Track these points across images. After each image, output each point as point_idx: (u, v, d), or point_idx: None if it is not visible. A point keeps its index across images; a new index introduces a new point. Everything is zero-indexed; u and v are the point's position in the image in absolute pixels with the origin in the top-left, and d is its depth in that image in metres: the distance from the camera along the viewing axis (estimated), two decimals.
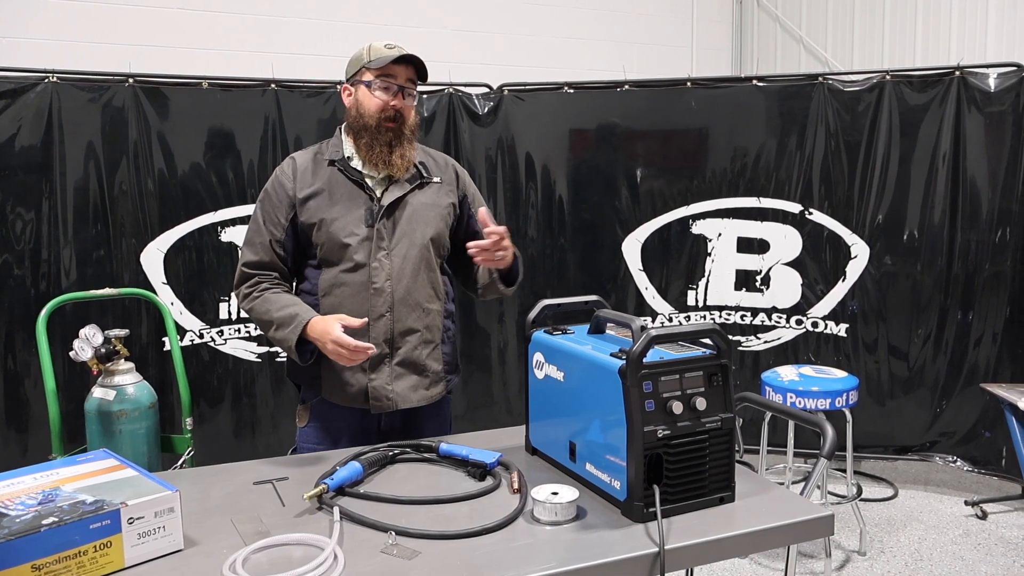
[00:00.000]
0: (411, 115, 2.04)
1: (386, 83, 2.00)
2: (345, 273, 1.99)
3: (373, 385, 2.00)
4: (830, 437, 1.71)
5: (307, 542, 1.39)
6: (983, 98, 3.77)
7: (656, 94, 4.15)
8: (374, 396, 2.00)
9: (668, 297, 4.26)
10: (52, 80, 3.34)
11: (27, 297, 3.34)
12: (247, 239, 2.06)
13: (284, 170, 2.05)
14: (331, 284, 2.00)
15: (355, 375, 2.00)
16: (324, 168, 2.03)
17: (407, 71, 2.01)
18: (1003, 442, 3.81)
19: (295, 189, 2.01)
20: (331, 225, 1.98)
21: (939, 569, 3.17)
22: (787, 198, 4.10)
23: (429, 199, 2.07)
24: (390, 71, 2.00)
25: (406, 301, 2.01)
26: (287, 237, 2.02)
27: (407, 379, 2.03)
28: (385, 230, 2.00)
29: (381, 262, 1.99)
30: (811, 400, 3.18)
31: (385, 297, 1.99)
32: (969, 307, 3.89)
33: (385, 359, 2.00)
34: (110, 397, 2.36)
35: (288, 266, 2.05)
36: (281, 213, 2.01)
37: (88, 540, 1.29)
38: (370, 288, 1.99)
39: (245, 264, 2.03)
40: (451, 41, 5.65)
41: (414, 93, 2.05)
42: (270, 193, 2.04)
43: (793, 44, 6.30)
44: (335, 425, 2.04)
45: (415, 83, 2.04)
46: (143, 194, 3.52)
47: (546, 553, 1.36)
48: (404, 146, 2.01)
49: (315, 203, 2.00)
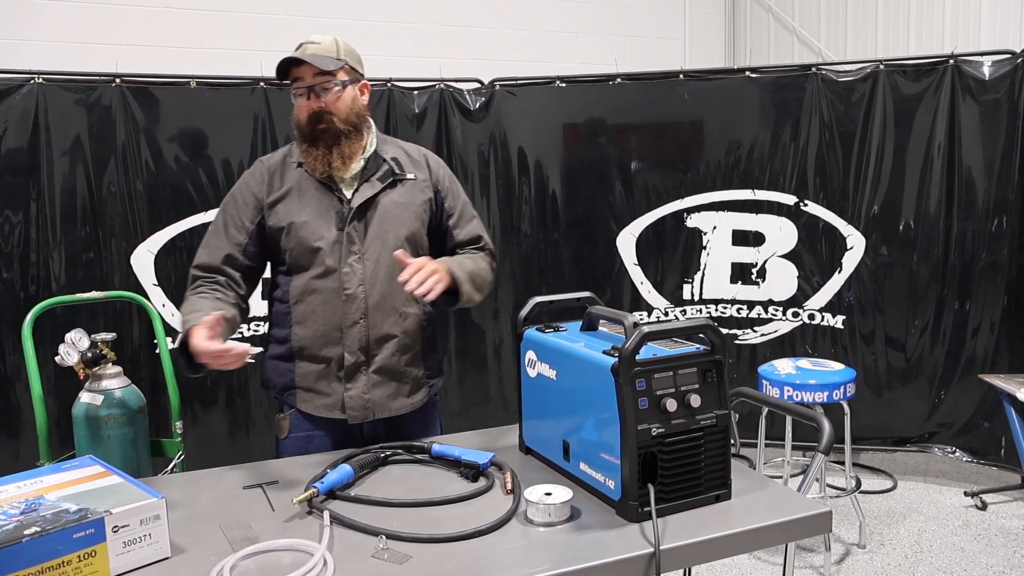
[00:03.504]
0: (343, 107, 1.91)
1: (297, 88, 1.91)
2: (316, 279, 1.92)
3: (349, 395, 1.93)
4: (827, 432, 1.69)
5: (296, 548, 1.36)
6: (978, 86, 3.75)
7: (649, 87, 4.12)
8: (351, 406, 1.93)
9: (664, 291, 4.24)
10: (38, 81, 3.30)
11: (16, 301, 3.31)
12: (204, 241, 1.97)
13: (253, 173, 1.99)
14: (302, 291, 1.93)
15: (331, 384, 1.94)
16: (293, 170, 1.96)
17: (311, 68, 1.88)
18: (1002, 432, 3.79)
19: (264, 193, 1.95)
20: (300, 229, 1.91)
21: (939, 561, 3.15)
22: (782, 190, 4.08)
23: (403, 197, 1.98)
24: (295, 75, 1.90)
25: (381, 306, 1.93)
26: (250, 241, 1.94)
27: (385, 387, 1.96)
28: (356, 233, 1.92)
29: (352, 267, 1.91)
30: (808, 393, 3.16)
31: (358, 303, 1.91)
32: (966, 297, 3.87)
33: (361, 367, 1.93)
34: (97, 402, 2.33)
35: (243, 272, 1.95)
36: (246, 216, 1.94)
37: (72, 550, 1.26)
38: (342, 294, 1.91)
39: (196, 266, 1.95)
40: (442, 36, 5.62)
41: (330, 86, 1.89)
42: (236, 196, 1.98)
43: (786, 35, 6.28)
44: (317, 435, 1.96)
45: (332, 74, 1.89)
46: (132, 195, 3.49)
47: (540, 555, 1.34)
48: (343, 144, 1.91)
49: (283, 207, 1.93)
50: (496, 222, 4.11)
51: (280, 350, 1.99)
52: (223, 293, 1.91)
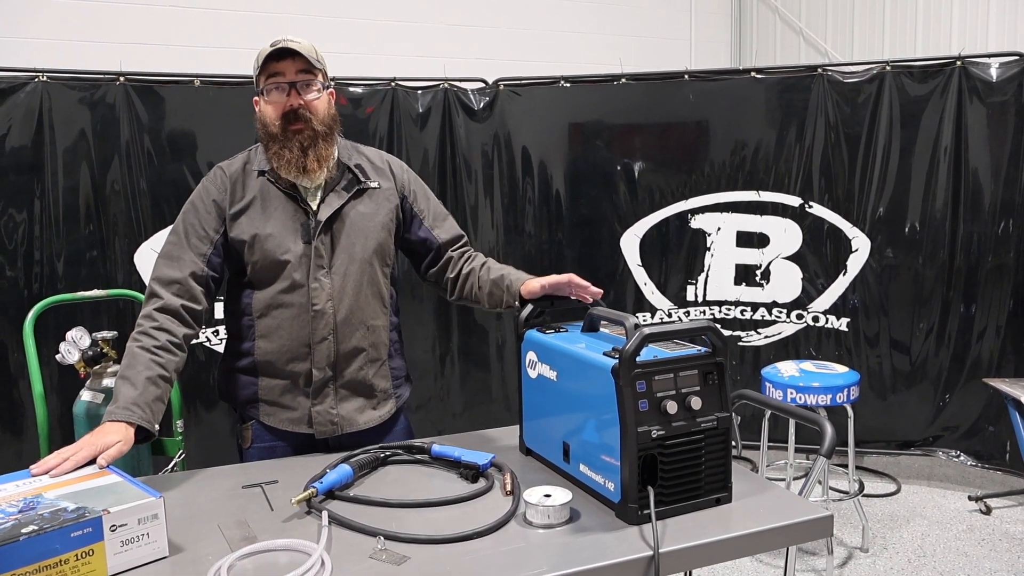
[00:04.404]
0: (319, 107, 1.84)
1: (275, 83, 1.82)
2: (283, 294, 1.84)
3: (316, 410, 1.87)
4: (829, 435, 1.67)
5: (294, 548, 1.36)
6: (985, 88, 3.73)
7: (653, 87, 4.11)
8: (318, 421, 1.88)
9: (667, 292, 4.22)
10: (42, 79, 3.31)
11: (20, 299, 3.31)
12: (164, 252, 1.84)
13: (213, 180, 1.88)
14: (267, 305, 1.85)
15: (296, 399, 1.88)
16: (254, 179, 1.86)
17: (295, 64, 1.81)
18: (1007, 436, 3.78)
19: (226, 202, 1.85)
20: (265, 242, 1.82)
21: (942, 565, 3.13)
22: (787, 191, 4.06)
23: (368, 208, 1.91)
24: (275, 69, 1.81)
25: (349, 321, 1.87)
26: (214, 251, 1.84)
27: (353, 401, 1.91)
28: (323, 247, 1.84)
29: (321, 281, 1.84)
30: (812, 396, 3.14)
31: (327, 319, 1.85)
32: (972, 300, 3.85)
33: (329, 382, 1.88)
34: (98, 400, 2.33)
35: (204, 286, 1.84)
36: (209, 226, 1.84)
37: (69, 548, 1.26)
38: (310, 310, 1.84)
39: (157, 278, 1.81)
40: (446, 36, 5.62)
41: (314, 84, 1.84)
42: (196, 205, 1.86)
43: (792, 35, 6.27)
44: (280, 446, 1.90)
45: (313, 72, 1.84)
46: (136, 193, 3.49)
47: (538, 557, 1.33)
48: (319, 146, 1.82)
49: (246, 218, 1.84)
50: (500, 222, 4.11)
51: (241, 363, 1.91)
52: (171, 336, 1.76)
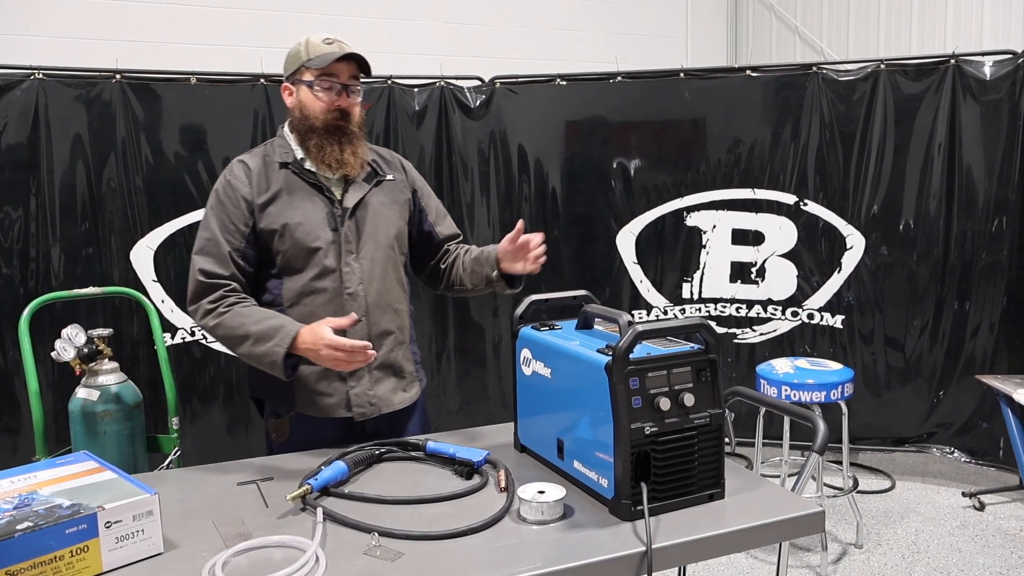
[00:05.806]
0: (357, 112, 1.95)
1: (329, 83, 1.90)
2: (315, 280, 1.91)
3: (355, 392, 1.94)
4: (821, 432, 1.69)
5: (289, 544, 1.36)
6: (979, 86, 3.74)
7: (649, 85, 4.12)
8: (357, 403, 1.94)
9: (663, 290, 4.23)
10: (38, 77, 3.31)
11: (16, 296, 3.31)
12: (201, 248, 1.88)
13: (237, 175, 1.91)
14: (299, 293, 1.91)
15: (333, 384, 1.94)
16: (277, 171, 1.92)
17: (349, 68, 1.92)
18: (1000, 433, 3.79)
19: (252, 195, 1.89)
20: (295, 230, 1.89)
21: (936, 561, 3.15)
22: (782, 189, 4.07)
23: (387, 197, 2.02)
24: (332, 70, 1.90)
25: (379, 304, 1.97)
26: (247, 246, 1.89)
27: (387, 382, 2.00)
28: (351, 233, 1.94)
29: (351, 266, 1.93)
30: (806, 393, 3.15)
31: (360, 301, 1.94)
32: (966, 297, 3.87)
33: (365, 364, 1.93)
34: (94, 397, 2.33)
35: (247, 278, 1.91)
36: (239, 220, 1.88)
37: (64, 545, 1.26)
38: (343, 294, 1.92)
39: (204, 274, 1.85)
40: (442, 34, 5.62)
41: (358, 89, 1.96)
42: (223, 200, 1.89)
43: (788, 34, 6.27)
44: (320, 435, 1.92)
45: (358, 79, 1.95)
46: (132, 191, 3.49)
47: (532, 553, 1.34)
48: (355, 143, 1.93)
49: (275, 208, 1.90)
50: (496, 220, 4.11)
51: None
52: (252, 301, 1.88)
